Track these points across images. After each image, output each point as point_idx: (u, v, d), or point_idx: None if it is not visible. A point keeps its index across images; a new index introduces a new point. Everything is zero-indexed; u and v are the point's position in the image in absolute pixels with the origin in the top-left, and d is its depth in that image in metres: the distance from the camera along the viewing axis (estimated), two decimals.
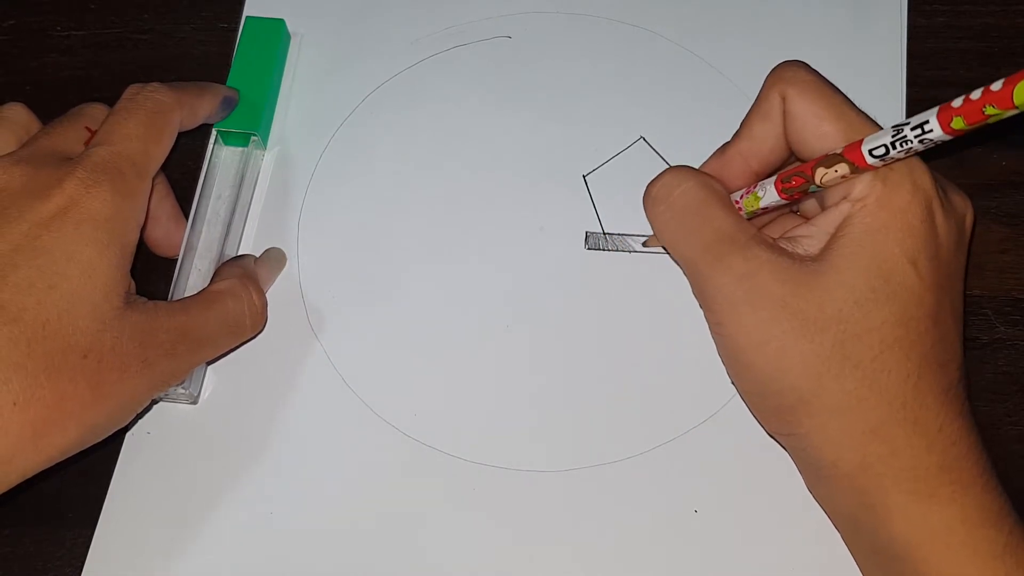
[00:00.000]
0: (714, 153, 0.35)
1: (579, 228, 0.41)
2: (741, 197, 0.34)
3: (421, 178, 0.42)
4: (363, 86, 0.44)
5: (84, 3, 0.47)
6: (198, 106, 0.39)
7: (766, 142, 0.34)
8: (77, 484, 0.37)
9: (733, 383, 0.35)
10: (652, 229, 0.35)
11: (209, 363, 0.39)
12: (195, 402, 0.38)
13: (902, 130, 0.29)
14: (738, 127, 0.35)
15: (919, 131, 0.29)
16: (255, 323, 0.38)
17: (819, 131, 0.32)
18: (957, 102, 0.28)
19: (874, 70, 0.42)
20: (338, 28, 0.45)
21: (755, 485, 0.36)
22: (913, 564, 0.31)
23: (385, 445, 0.38)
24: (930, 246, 0.31)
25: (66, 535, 0.37)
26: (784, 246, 0.32)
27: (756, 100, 0.34)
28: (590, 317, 0.39)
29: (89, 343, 0.31)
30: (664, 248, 0.36)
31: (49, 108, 0.37)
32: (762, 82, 0.34)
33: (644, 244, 0.40)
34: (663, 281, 0.39)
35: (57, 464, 0.32)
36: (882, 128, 0.31)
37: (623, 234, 0.40)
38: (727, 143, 0.35)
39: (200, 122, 0.39)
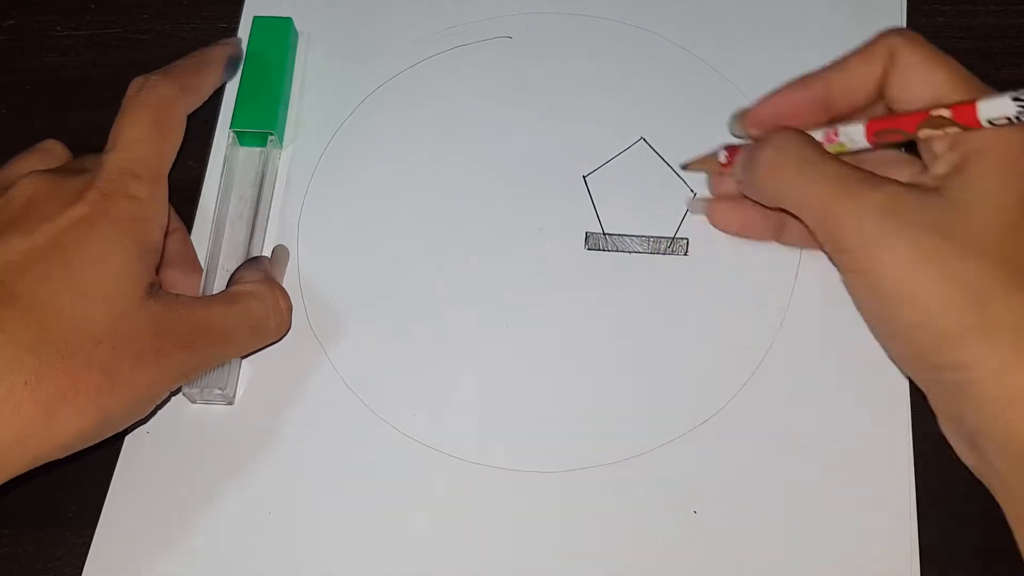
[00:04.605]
0: (790, 82, 0.35)
1: (579, 228, 0.41)
2: (825, 141, 0.34)
3: (421, 178, 0.42)
4: (364, 86, 0.44)
5: (84, 3, 0.47)
6: (202, 85, 0.40)
7: (859, 81, 0.34)
8: (77, 484, 0.37)
9: (876, 329, 0.34)
10: (768, 191, 0.34)
11: (241, 360, 0.39)
12: (231, 403, 0.38)
13: None
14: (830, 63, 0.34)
15: None
16: (280, 326, 0.38)
17: (931, 77, 0.32)
18: None
19: None
20: (339, 28, 0.45)
21: (754, 486, 0.36)
22: None
23: (385, 445, 0.38)
24: None
25: (66, 535, 0.37)
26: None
27: (859, 48, 0.34)
28: (590, 317, 0.39)
29: (104, 330, 0.32)
30: (776, 205, 0.35)
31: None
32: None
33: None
34: (663, 282, 0.39)
35: (58, 462, 0.32)
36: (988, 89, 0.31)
37: (623, 234, 0.40)
38: (811, 72, 0.35)
39: (209, 95, 0.40)
